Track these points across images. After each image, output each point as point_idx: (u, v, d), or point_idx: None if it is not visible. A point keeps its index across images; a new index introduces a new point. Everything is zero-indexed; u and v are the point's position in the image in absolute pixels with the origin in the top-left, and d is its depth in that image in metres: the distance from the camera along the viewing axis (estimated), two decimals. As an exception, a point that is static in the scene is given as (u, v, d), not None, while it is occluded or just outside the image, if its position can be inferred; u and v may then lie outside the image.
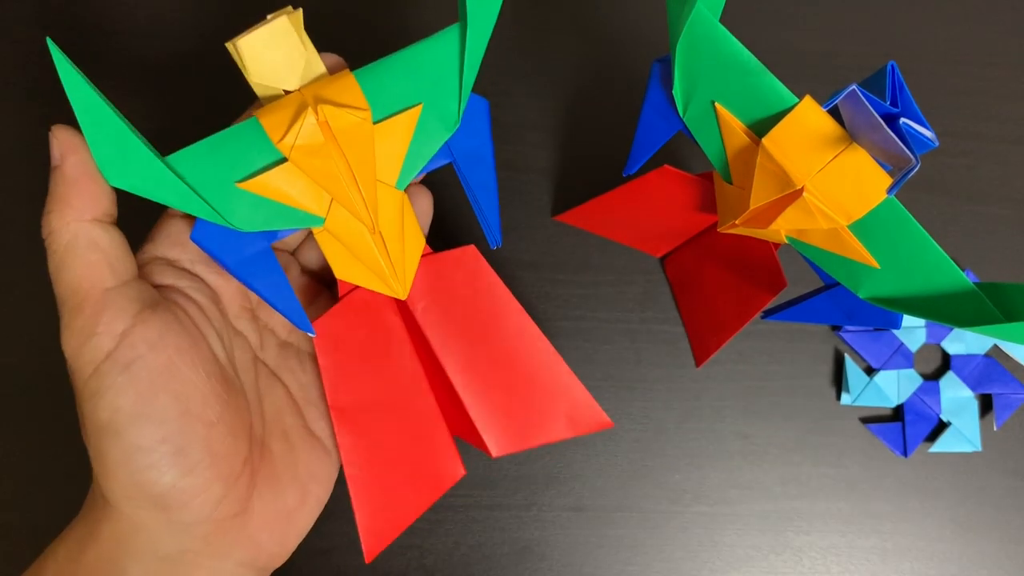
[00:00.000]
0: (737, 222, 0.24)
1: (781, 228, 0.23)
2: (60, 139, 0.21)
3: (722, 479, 0.34)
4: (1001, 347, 0.35)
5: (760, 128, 0.22)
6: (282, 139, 0.21)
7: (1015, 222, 0.36)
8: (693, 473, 0.34)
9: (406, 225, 0.25)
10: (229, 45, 0.21)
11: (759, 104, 0.22)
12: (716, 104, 0.23)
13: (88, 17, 0.35)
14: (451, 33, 0.23)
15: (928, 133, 0.20)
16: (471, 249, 0.26)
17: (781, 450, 0.34)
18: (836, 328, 0.35)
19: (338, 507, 0.32)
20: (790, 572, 0.33)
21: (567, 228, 0.35)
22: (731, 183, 0.24)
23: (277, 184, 0.22)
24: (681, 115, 0.24)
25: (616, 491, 0.33)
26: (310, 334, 0.24)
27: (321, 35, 0.24)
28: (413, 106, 0.23)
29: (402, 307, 0.26)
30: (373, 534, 0.26)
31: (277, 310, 0.23)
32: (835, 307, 0.26)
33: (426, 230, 0.28)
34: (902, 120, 0.20)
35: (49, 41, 0.19)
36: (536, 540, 0.33)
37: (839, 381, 0.35)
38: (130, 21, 0.35)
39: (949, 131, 0.36)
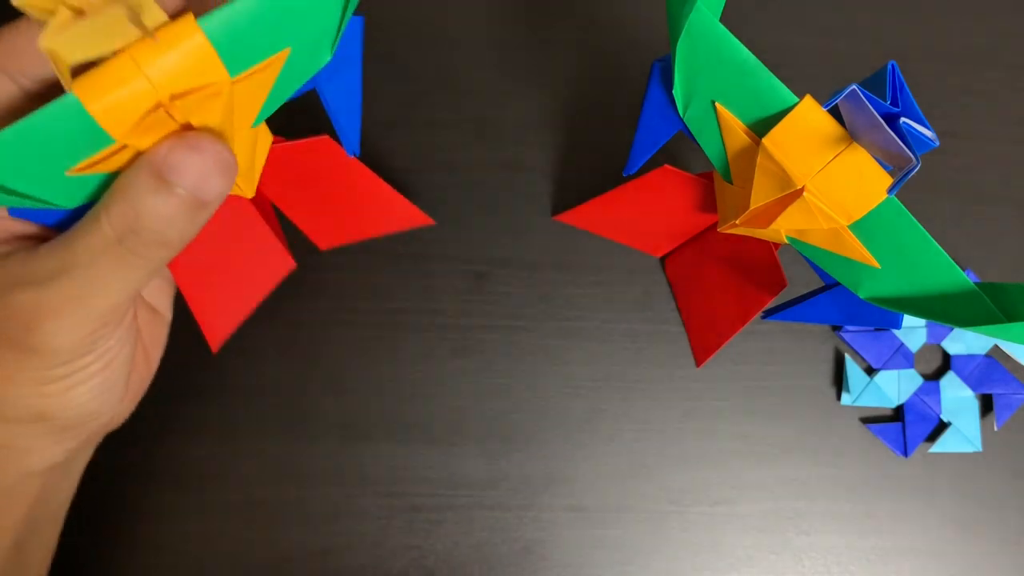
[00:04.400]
0: (737, 222, 0.24)
1: (781, 228, 0.23)
2: None
3: (722, 479, 0.34)
4: (1001, 347, 0.35)
5: (760, 128, 0.22)
6: (129, 141, 0.17)
7: (1015, 222, 0.36)
8: (693, 473, 0.34)
9: (258, 150, 0.23)
10: None
11: (759, 104, 0.22)
12: (716, 104, 0.22)
13: None
14: None
15: (929, 133, 0.20)
16: (325, 139, 0.25)
17: (781, 450, 0.34)
18: (836, 328, 0.35)
19: (340, 509, 0.32)
20: (790, 572, 0.33)
21: (567, 228, 0.35)
22: (731, 183, 0.24)
23: (120, 163, 0.18)
24: (681, 115, 0.24)
25: (616, 491, 0.33)
26: None
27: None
28: (278, 52, 0.19)
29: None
30: (213, 328, 0.27)
31: None
32: (835, 307, 0.26)
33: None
34: (903, 120, 0.20)
35: None
36: (536, 540, 0.33)
37: (839, 381, 0.35)
38: None
39: (950, 131, 0.36)
